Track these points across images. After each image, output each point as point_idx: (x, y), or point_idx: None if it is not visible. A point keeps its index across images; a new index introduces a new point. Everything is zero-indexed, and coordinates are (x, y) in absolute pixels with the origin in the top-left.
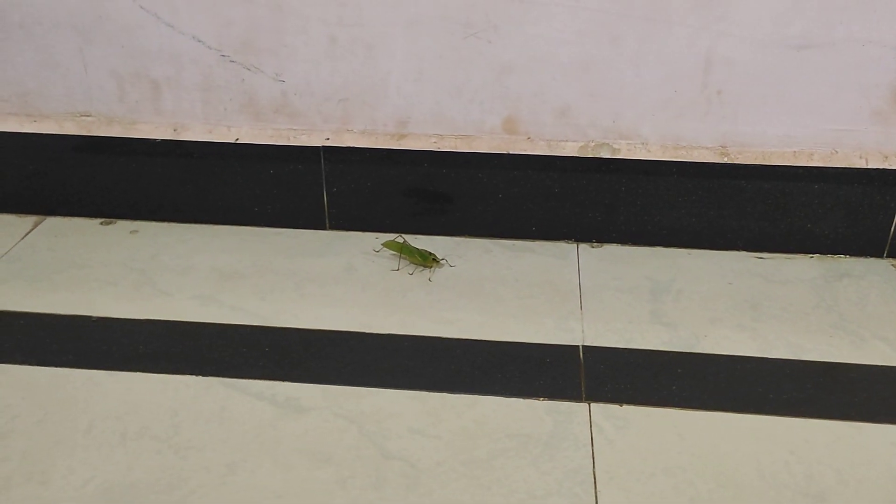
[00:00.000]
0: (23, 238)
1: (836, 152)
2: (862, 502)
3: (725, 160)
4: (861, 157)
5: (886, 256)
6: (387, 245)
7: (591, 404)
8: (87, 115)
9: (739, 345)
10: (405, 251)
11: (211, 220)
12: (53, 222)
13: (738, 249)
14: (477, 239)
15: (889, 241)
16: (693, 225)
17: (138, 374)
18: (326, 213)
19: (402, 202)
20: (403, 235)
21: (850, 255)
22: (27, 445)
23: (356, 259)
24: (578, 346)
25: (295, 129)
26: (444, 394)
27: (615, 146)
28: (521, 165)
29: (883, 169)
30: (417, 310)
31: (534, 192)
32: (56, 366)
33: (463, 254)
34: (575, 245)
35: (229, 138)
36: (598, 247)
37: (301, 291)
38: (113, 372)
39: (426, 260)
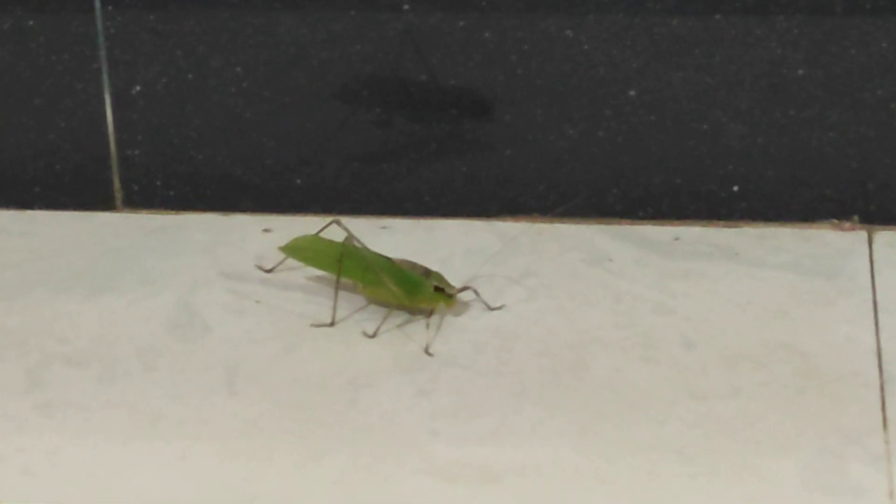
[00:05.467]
0: None
1: None
2: None
3: None
4: None
5: None
6: (296, 251)
7: None
8: None
9: None
10: (352, 269)
11: None
12: None
13: None
14: (565, 224)
15: None
16: None
17: None
18: (114, 162)
19: (333, 125)
20: (344, 221)
21: None
22: None
23: (206, 291)
24: None
25: None
26: None
27: None
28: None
29: None
30: (398, 446)
31: (727, 81)
32: None
33: (526, 269)
34: (864, 233)
35: None
36: None
37: (38, 399)
38: None
39: (416, 293)
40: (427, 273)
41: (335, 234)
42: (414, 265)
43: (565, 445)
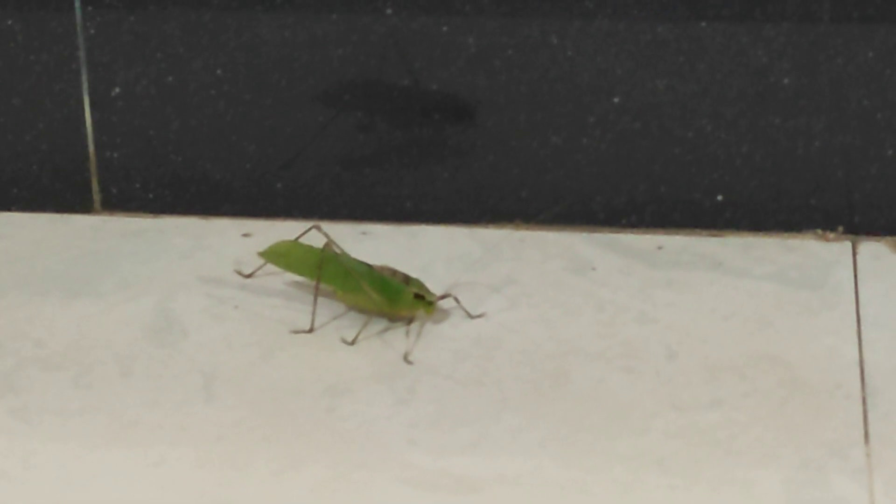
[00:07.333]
0: None
1: None
2: None
3: None
4: None
5: None
6: (275, 256)
7: None
8: None
9: None
10: (331, 275)
11: None
12: None
13: None
14: (547, 232)
15: None
16: None
17: None
18: (93, 164)
19: (315, 129)
20: (324, 226)
21: None
22: None
23: (185, 295)
24: None
25: None
26: None
27: None
28: None
29: None
30: (376, 454)
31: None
32: None
33: (508, 277)
34: (849, 244)
35: None
36: None
37: (13, 403)
38: None
39: (396, 300)
40: (407, 280)
41: (315, 239)
42: (394, 272)
43: (546, 456)
